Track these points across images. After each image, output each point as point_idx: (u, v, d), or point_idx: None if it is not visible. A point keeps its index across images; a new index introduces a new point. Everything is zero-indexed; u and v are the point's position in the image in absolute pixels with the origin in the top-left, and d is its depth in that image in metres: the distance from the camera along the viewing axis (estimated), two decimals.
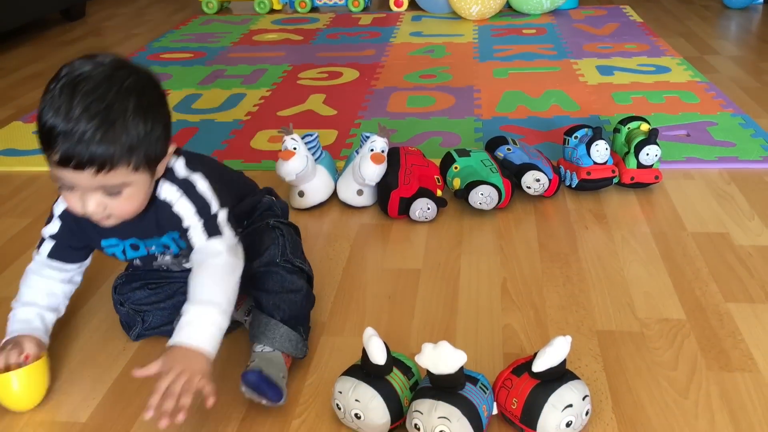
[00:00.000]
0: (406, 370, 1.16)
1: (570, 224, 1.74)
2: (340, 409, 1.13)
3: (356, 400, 1.11)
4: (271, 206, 1.44)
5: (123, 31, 3.90)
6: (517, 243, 1.67)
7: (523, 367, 1.13)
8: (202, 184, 1.20)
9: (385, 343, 1.12)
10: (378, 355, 1.11)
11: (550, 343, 1.10)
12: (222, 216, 1.20)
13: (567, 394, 1.09)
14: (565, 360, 1.11)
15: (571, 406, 1.08)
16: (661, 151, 1.83)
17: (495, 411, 1.14)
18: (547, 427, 1.08)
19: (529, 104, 2.49)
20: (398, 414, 1.12)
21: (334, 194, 1.88)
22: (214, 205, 1.20)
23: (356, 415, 1.11)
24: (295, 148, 1.78)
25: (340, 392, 1.13)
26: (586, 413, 1.11)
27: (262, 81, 2.84)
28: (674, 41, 3.20)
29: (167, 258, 1.31)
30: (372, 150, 1.78)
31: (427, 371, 1.09)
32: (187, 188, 1.18)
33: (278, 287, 1.27)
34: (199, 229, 1.19)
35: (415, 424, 1.08)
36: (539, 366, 1.09)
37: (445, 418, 1.05)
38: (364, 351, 1.13)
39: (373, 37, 3.46)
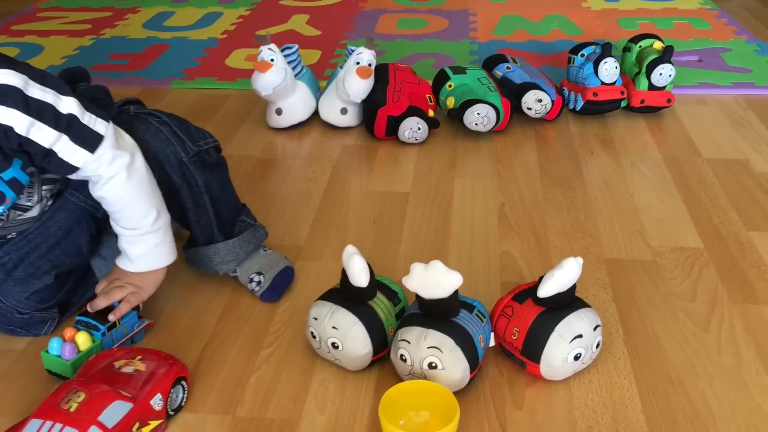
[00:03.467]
0: (392, 295, 1.01)
1: (574, 149, 1.58)
2: (315, 338, 0.99)
3: (334, 327, 0.96)
4: (94, 95, 1.12)
5: None
6: (516, 167, 1.51)
7: (526, 293, 0.99)
8: (28, 85, 0.87)
9: (368, 263, 0.97)
10: (360, 276, 0.96)
11: (558, 265, 0.95)
12: (76, 107, 0.90)
13: (576, 323, 0.95)
14: (574, 285, 0.96)
15: (580, 336, 0.94)
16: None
17: (492, 342, 1.00)
18: (553, 360, 0.94)
19: (529, 28, 2.31)
20: (382, 344, 0.98)
21: (316, 113, 1.70)
22: (59, 100, 0.89)
23: (333, 344, 0.97)
24: (272, 60, 1.60)
25: (316, 318, 0.98)
26: (597, 345, 0.97)
27: (239, 2, 2.63)
28: None
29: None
30: (358, 63, 1.61)
31: (416, 296, 0.94)
32: (24, 101, 0.86)
33: (194, 199, 1.08)
34: (69, 147, 0.91)
35: (401, 355, 0.93)
36: (545, 291, 0.95)
37: (435, 348, 0.91)
38: (343, 272, 0.98)
39: None
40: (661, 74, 1.65)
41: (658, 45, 1.71)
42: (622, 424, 0.91)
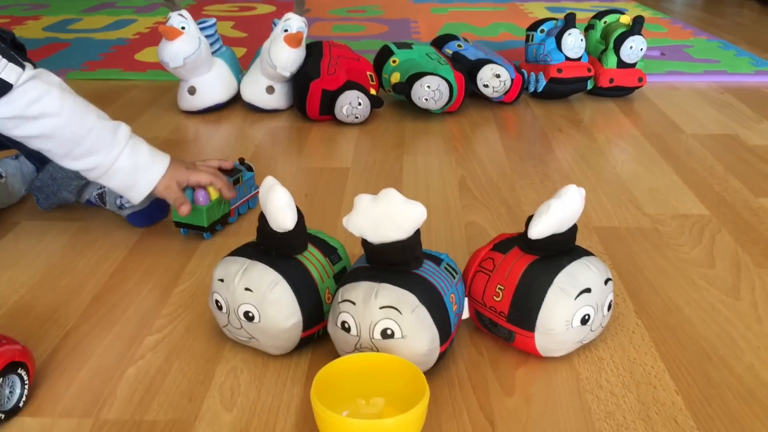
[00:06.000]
0: (330, 251, 0.74)
1: (540, 128, 1.36)
2: (221, 308, 0.70)
3: (247, 290, 0.68)
4: None
5: None
6: (476, 144, 1.28)
7: (512, 241, 0.73)
8: None
9: (298, 208, 0.70)
10: (283, 215, 0.69)
11: (556, 195, 0.70)
12: None
13: (582, 273, 0.69)
14: (575, 226, 0.72)
15: (588, 291, 0.69)
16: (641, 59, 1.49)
17: (467, 314, 0.73)
18: (553, 324, 0.68)
19: (476, 31, 2.12)
20: (315, 314, 0.70)
21: (237, 97, 1.45)
22: None
23: (247, 314, 0.68)
24: (183, 28, 1.35)
25: (222, 280, 0.70)
26: (609, 307, 0.72)
27: (159, 11, 2.39)
28: None
29: None
30: (286, 30, 1.37)
31: (363, 242, 0.68)
32: None
33: None
34: None
35: (344, 323, 0.66)
36: (539, 229, 0.69)
37: (391, 307, 0.64)
38: (261, 216, 0.71)
39: None
40: (631, 47, 1.46)
41: (625, 19, 1.53)
42: (653, 408, 0.65)
